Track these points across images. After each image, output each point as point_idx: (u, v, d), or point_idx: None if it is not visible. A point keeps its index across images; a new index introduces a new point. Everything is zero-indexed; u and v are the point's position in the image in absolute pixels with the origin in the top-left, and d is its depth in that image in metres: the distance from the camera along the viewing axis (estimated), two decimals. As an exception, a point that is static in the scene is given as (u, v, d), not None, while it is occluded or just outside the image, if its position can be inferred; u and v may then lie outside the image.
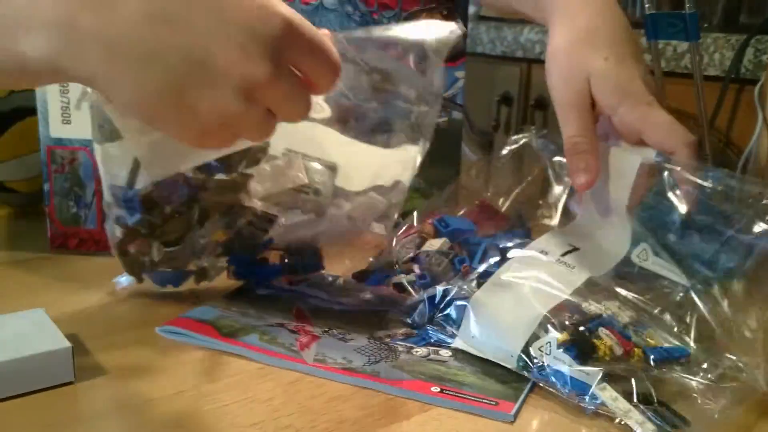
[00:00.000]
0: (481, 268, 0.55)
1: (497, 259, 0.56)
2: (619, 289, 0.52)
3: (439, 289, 0.54)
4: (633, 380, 0.45)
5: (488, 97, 1.35)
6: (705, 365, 0.46)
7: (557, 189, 0.66)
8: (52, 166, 0.69)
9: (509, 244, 0.58)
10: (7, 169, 0.80)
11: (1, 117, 0.79)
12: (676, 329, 0.49)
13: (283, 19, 0.37)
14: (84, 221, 0.70)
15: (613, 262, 0.56)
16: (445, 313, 0.53)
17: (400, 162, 0.57)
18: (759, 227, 0.51)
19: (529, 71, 1.30)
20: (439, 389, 0.47)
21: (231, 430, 0.43)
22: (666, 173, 0.56)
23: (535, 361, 0.47)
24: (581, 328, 0.48)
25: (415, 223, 0.63)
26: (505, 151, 0.69)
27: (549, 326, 0.48)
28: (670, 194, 0.55)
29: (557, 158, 0.65)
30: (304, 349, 0.51)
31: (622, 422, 0.43)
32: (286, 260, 0.60)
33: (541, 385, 0.47)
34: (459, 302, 0.52)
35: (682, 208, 0.55)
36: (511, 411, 0.44)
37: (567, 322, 0.49)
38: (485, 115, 1.36)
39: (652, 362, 0.47)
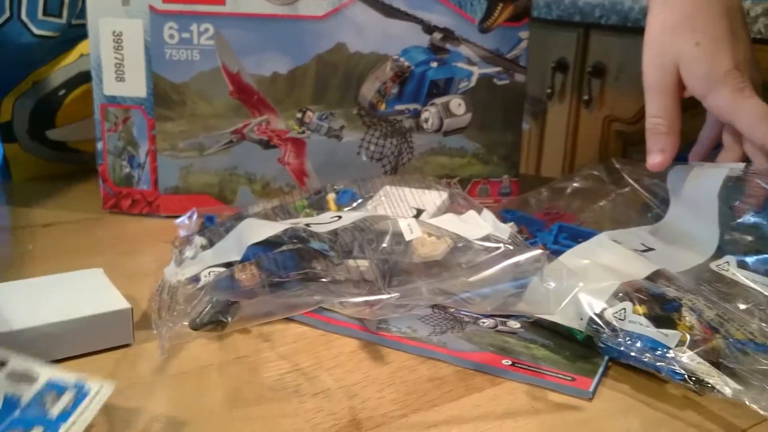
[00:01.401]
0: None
1: (569, 242, 0.53)
2: (702, 286, 0.49)
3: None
4: (714, 340, 0.42)
5: (542, 63, 1.30)
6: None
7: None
8: (105, 125, 0.68)
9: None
10: (71, 130, 0.80)
11: (66, 82, 0.78)
12: (760, 328, 0.46)
13: None
14: (137, 182, 0.69)
15: (690, 265, 0.53)
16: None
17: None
18: None
19: (586, 36, 1.25)
20: (510, 362, 0.44)
21: (294, 398, 0.41)
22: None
23: (608, 324, 0.44)
24: (660, 306, 0.45)
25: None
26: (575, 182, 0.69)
27: (623, 296, 0.45)
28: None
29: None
30: (366, 317, 0.49)
31: (705, 384, 0.40)
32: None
33: (611, 345, 0.44)
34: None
35: None
36: (589, 387, 0.42)
37: (644, 297, 0.46)
38: (539, 82, 1.32)
39: (734, 349, 0.43)
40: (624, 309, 0.44)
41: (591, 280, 0.46)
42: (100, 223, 0.68)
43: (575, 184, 0.69)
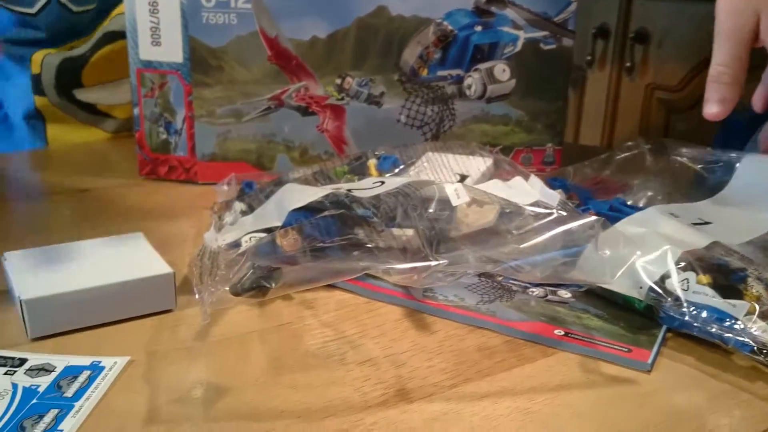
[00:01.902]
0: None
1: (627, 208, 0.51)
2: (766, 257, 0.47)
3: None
4: None
5: (583, 29, 1.26)
6: None
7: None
8: (141, 90, 0.67)
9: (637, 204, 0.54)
10: (99, 92, 0.79)
11: (94, 43, 0.77)
12: None
13: None
14: (174, 148, 0.68)
15: (749, 237, 0.51)
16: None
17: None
18: None
19: (629, 1, 1.21)
20: (563, 332, 0.43)
21: (339, 367, 0.40)
22: None
23: (671, 293, 0.42)
24: (724, 276, 0.43)
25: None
26: (618, 157, 0.67)
27: (686, 265, 0.43)
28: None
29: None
30: (413, 284, 0.48)
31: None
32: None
33: (673, 315, 0.42)
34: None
35: None
36: (647, 359, 0.40)
37: (707, 267, 0.43)
38: (579, 49, 1.28)
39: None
40: (687, 279, 0.42)
41: (649, 249, 0.44)
42: (136, 190, 0.67)
43: (619, 158, 0.66)
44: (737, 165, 0.58)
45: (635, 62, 1.21)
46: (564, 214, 0.44)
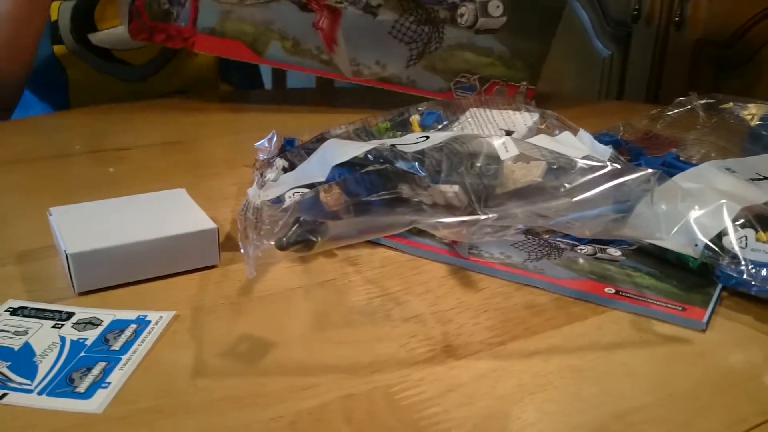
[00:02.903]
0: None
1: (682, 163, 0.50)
2: None
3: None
4: None
5: (629, -18, 1.22)
6: None
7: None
8: None
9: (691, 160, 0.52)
10: (113, 37, 0.77)
11: None
12: None
13: None
14: (175, 18, 0.68)
15: None
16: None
17: None
18: None
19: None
20: (613, 291, 0.41)
21: (385, 323, 0.39)
22: None
23: (728, 251, 0.41)
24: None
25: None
26: (670, 112, 0.65)
27: (744, 222, 0.41)
28: None
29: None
30: (461, 239, 0.47)
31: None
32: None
33: (730, 273, 0.40)
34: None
35: None
36: (702, 318, 0.39)
37: (766, 223, 0.42)
38: (624, 3, 1.23)
39: None
40: (745, 236, 0.40)
41: (705, 205, 0.43)
42: (175, 148, 0.67)
43: (671, 113, 0.64)
44: None
45: (684, 16, 1.16)
46: (618, 167, 0.43)
